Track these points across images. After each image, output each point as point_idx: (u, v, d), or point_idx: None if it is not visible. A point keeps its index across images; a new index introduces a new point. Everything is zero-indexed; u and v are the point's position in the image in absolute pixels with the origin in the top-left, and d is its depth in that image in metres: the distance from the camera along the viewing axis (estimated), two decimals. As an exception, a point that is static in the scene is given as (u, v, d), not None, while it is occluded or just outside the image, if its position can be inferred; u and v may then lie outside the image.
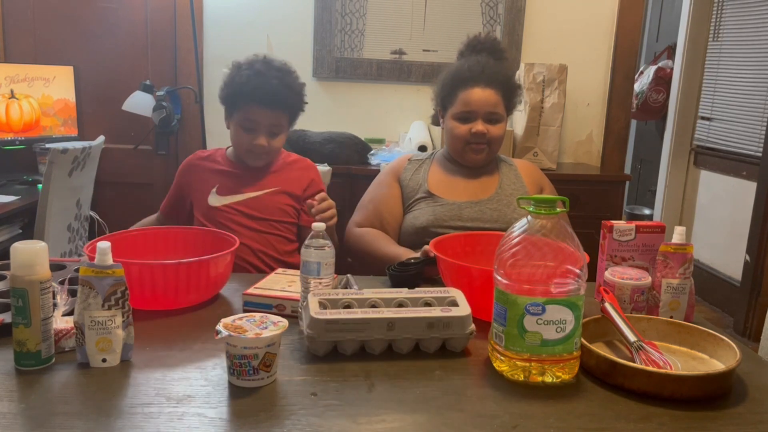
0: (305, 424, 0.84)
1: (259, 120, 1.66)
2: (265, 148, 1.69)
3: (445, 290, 1.15)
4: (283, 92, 1.66)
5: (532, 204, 0.98)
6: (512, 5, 3.11)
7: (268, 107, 1.65)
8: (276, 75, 1.66)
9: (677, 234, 1.24)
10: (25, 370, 0.95)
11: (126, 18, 3.07)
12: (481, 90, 1.67)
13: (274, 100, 1.65)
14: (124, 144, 3.14)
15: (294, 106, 1.72)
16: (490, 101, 1.67)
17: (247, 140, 1.68)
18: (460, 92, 1.69)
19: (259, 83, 1.64)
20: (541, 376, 0.97)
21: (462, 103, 1.68)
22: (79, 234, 2.65)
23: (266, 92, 1.64)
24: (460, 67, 1.72)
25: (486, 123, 1.68)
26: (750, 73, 3.56)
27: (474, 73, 1.69)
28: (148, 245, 1.43)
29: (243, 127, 1.68)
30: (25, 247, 0.94)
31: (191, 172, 1.78)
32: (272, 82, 1.65)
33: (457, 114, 1.69)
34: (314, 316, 1.02)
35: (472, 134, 1.67)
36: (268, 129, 1.68)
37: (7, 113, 2.81)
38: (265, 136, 1.68)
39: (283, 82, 1.67)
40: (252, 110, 1.66)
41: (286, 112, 1.70)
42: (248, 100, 1.65)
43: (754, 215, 3.24)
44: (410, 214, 1.70)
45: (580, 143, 3.30)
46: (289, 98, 1.69)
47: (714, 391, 0.95)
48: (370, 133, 3.09)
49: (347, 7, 3.09)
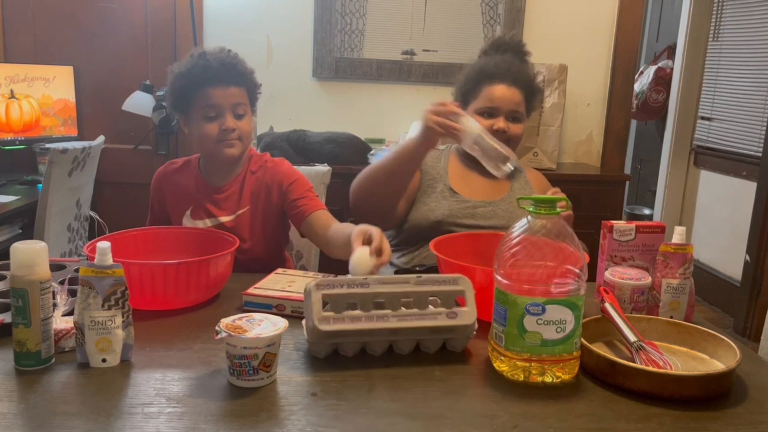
0: (305, 424, 0.84)
1: (218, 101, 1.56)
2: (235, 132, 1.57)
3: (455, 280, 1.10)
4: (228, 65, 1.58)
5: (532, 204, 0.98)
6: (512, 5, 3.11)
7: (221, 83, 1.56)
8: (215, 56, 1.58)
9: (677, 234, 1.24)
10: (25, 370, 0.95)
11: (126, 18, 3.07)
12: (506, 87, 1.67)
13: (226, 75, 1.57)
14: (124, 144, 3.14)
15: (246, 79, 1.62)
16: (514, 99, 1.68)
17: (215, 128, 1.56)
18: (485, 87, 1.68)
19: (205, 64, 1.57)
20: (541, 376, 0.97)
21: (486, 98, 1.68)
22: (79, 234, 2.65)
23: (214, 70, 1.55)
24: (486, 63, 1.72)
25: (507, 121, 1.68)
26: (750, 73, 3.56)
27: (500, 70, 1.69)
28: (148, 245, 1.43)
29: (205, 116, 1.57)
30: (25, 247, 0.94)
31: (162, 189, 1.69)
32: (213, 62, 1.57)
33: (480, 109, 1.69)
34: (316, 326, 1.00)
35: (494, 131, 1.66)
36: (232, 108, 1.57)
37: (7, 113, 2.81)
38: (231, 118, 1.57)
39: (228, 57, 1.60)
40: (207, 94, 1.56)
41: (241, 87, 1.60)
42: (200, 85, 1.57)
43: (754, 215, 3.24)
44: (425, 206, 1.67)
45: (580, 143, 3.30)
46: (236, 70, 1.59)
47: (714, 391, 0.95)
48: (370, 133, 3.09)
49: (347, 7, 3.09)
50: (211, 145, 1.59)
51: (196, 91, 1.57)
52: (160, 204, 1.71)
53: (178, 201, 1.66)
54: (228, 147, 1.58)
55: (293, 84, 3.15)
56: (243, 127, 1.59)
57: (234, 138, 1.58)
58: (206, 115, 1.57)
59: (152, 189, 1.72)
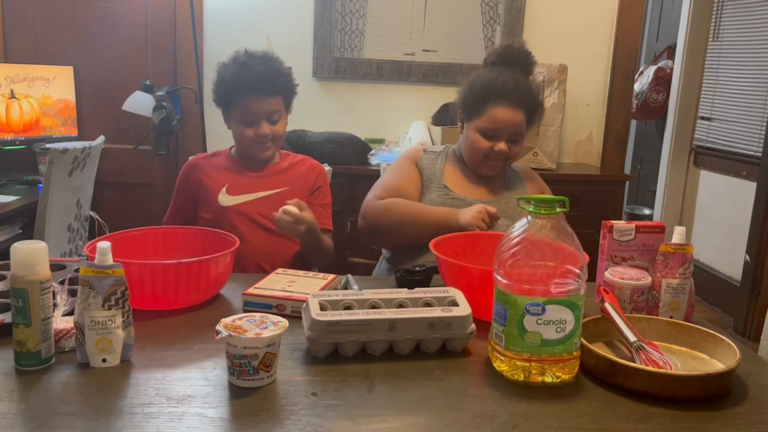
0: (305, 424, 0.84)
1: (256, 109, 1.68)
2: (269, 136, 1.71)
3: (445, 290, 1.15)
4: (271, 76, 1.69)
5: (531, 204, 0.98)
6: (512, 5, 3.11)
7: (261, 94, 1.68)
8: (260, 62, 1.70)
9: (677, 234, 1.24)
10: (25, 370, 0.95)
11: (126, 18, 3.07)
12: (512, 111, 1.65)
13: (265, 86, 1.68)
14: (124, 144, 3.14)
15: (286, 87, 1.74)
16: (517, 122, 1.67)
17: (251, 132, 1.70)
18: (490, 107, 1.66)
19: (247, 74, 1.67)
20: (541, 376, 0.97)
21: (490, 119, 1.66)
22: (79, 234, 2.65)
23: (256, 81, 1.67)
24: (493, 80, 1.68)
25: (508, 142, 1.68)
26: (750, 73, 3.56)
27: (507, 91, 1.66)
28: (148, 245, 1.43)
29: (243, 121, 1.70)
30: (25, 247, 0.94)
31: (198, 171, 1.77)
32: (258, 68, 1.68)
33: (482, 129, 1.68)
34: (315, 318, 1.02)
35: (494, 152, 1.67)
36: (268, 116, 1.70)
37: (7, 113, 2.81)
38: (267, 124, 1.70)
39: (268, 67, 1.70)
40: (247, 102, 1.68)
41: (279, 96, 1.72)
42: (241, 93, 1.68)
43: (754, 215, 3.24)
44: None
45: (580, 143, 3.30)
46: (278, 81, 1.71)
47: (714, 391, 0.95)
48: (370, 133, 3.09)
49: (347, 7, 3.09)
50: (247, 145, 1.74)
51: (237, 97, 1.69)
52: (186, 189, 1.78)
53: (214, 179, 1.75)
54: (263, 150, 1.74)
55: (293, 84, 3.15)
56: (277, 130, 1.73)
57: (268, 141, 1.72)
58: (244, 119, 1.70)
59: (182, 176, 1.80)
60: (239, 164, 1.77)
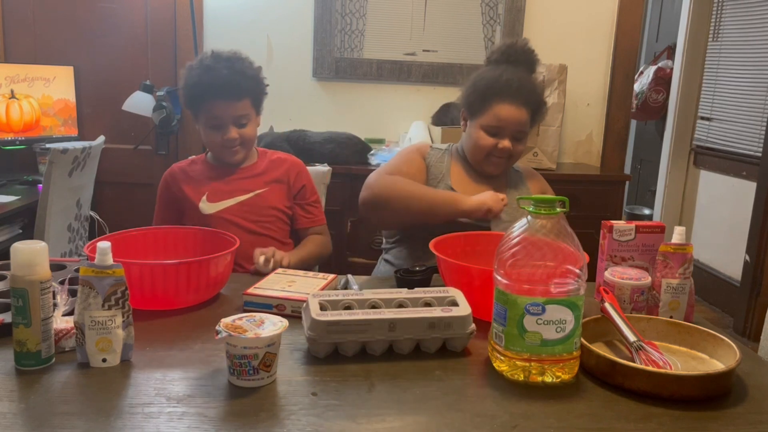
0: (305, 424, 0.84)
1: (222, 114, 1.64)
2: (237, 141, 1.67)
3: (445, 290, 1.15)
4: (235, 80, 1.63)
5: (531, 204, 0.98)
6: (512, 5, 3.11)
7: (226, 98, 1.63)
8: (225, 65, 1.64)
9: (677, 234, 1.24)
10: (25, 370, 0.95)
11: (126, 18, 3.07)
12: (516, 108, 1.65)
13: (230, 91, 1.63)
14: (124, 144, 3.14)
15: (252, 90, 1.69)
16: (521, 120, 1.66)
17: (218, 137, 1.66)
18: (494, 105, 1.66)
19: (210, 78, 1.63)
20: (541, 376, 0.97)
21: (494, 117, 1.66)
22: (79, 234, 2.65)
23: (220, 85, 1.62)
24: (497, 78, 1.68)
25: (512, 140, 1.68)
26: (750, 73, 3.56)
27: (511, 89, 1.66)
28: (148, 245, 1.43)
29: (210, 126, 1.66)
30: (25, 247, 0.94)
31: (177, 182, 1.73)
32: (222, 73, 1.63)
33: (486, 126, 1.67)
34: (315, 318, 1.02)
35: (498, 149, 1.67)
36: (235, 120, 1.66)
37: (7, 113, 2.81)
38: (234, 128, 1.66)
39: (234, 71, 1.64)
40: (212, 106, 1.64)
41: (246, 99, 1.67)
42: (206, 98, 1.64)
43: (754, 215, 3.24)
44: None
45: (579, 143, 3.30)
46: (243, 84, 1.65)
47: (714, 391, 0.95)
48: (370, 133, 3.09)
49: (347, 7, 3.09)
50: (216, 149, 1.71)
51: (203, 101, 1.66)
52: (171, 200, 1.75)
53: (195, 188, 1.72)
54: (231, 154, 1.70)
55: (293, 84, 3.15)
56: (246, 133, 1.69)
57: (236, 146, 1.69)
58: (211, 124, 1.66)
59: (161, 189, 1.77)
60: (216, 170, 1.74)
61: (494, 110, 1.66)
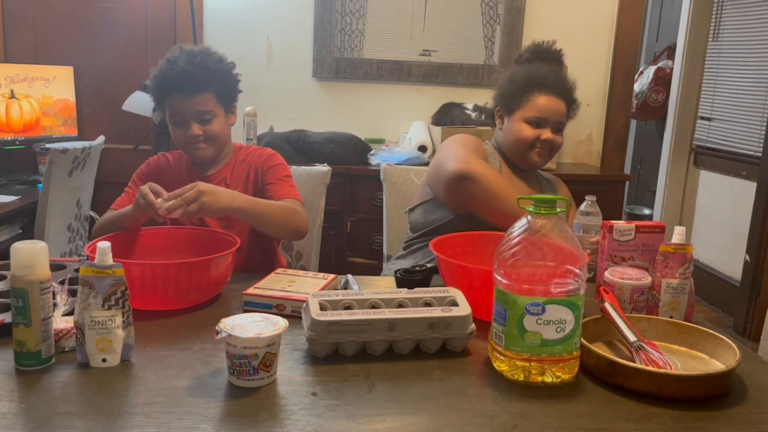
0: (305, 424, 0.84)
1: (182, 109, 1.58)
2: (200, 137, 1.59)
3: (445, 290, 1.15)
4: (194, 73, 1.55)
5: (532, 204, 0.98)
6: (512, 5, 3.11)
7: (185, 93, 1.56)
8: (186, 59, 1.57)
9: (677, 234, 1.24)
10: (25, 370, 0.95)
11: (126, 18, 3.07)
12: (556, 99, 1.68)
13: (187, 84, 1.56)
14: (124, 144, 3.14)
15: (216, 84, 1.60)
16: (561, 111, 1.69)
17: (182, 134, 1.59)
18: (535, 97, 1.68)
19: (168, 71, 1.57)
20: (541, 376, 0.97)
21: (536, 108, 1.67)
22: (79, 234, 2.65)
23: (177, 79, 1.56)
24: (534, 72, 1.70)
25: (553, 131, 1.69)
26: (750, 73, 3.56)
27: (549, 81, 1.69)
28: (148, 245, 1.43)
29: (173, 122, 1.60)
30: (25, 247, 0.94)
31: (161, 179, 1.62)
32: (180, 65, 1.56)
33: (528, 118, 1.68)
34: (315, 318, 1.02)
35: (541, 141, 1.68)
36: (197, 116, 1.58)
37: (7, 113, 2.81)
38: (196, 124, 1.58)
39: (194, 64, 1.56)
40: (173, 102, 1.58)
41: (207, 93, 1.58)
42: (166, 91, 1.58)
43: (754, 215, 3.24)
44: None
45: (580, 143, 3.30)
46: (204, 78, 1.57)
47: (714, 391, 0.95)
48: (370, 133, 3.09)
49: (347, 7, 3.09)
50: (181, 146, 1.66)
51: (164, 95, 1.61)
52: None
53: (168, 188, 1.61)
54: (195, 151, 1.62)
55: (293, 84, 3.15)
56: (210, 130, 1.60)
57: (200, 142, 1.61)
58: (173, 120, 1.61)
59: (137, 175, 1.71)
60: (194, 171, 1.68)
61: (534, 102, 1.68)
